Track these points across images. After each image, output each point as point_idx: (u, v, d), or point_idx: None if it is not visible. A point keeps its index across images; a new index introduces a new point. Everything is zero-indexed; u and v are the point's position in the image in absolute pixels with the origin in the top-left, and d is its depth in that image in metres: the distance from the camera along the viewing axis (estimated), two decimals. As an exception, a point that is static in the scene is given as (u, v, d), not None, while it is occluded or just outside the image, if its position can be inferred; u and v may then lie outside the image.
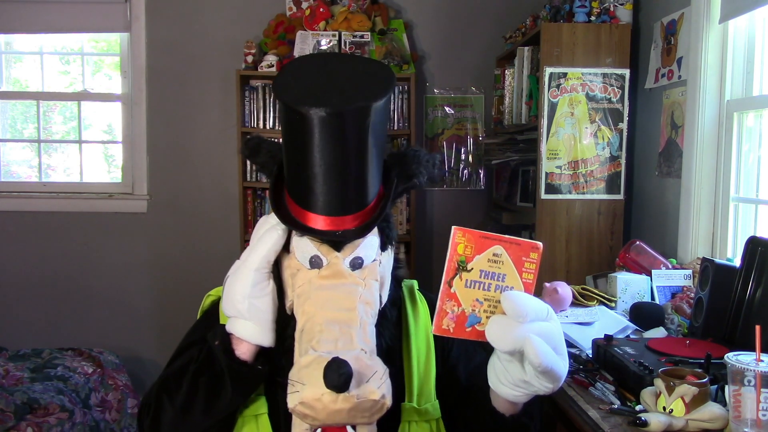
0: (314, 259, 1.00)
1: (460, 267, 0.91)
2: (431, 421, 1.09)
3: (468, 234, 0.91)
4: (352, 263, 1.00)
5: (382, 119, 1.00)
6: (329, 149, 0.95)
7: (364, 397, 0.85)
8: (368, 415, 0.87)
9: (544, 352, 0.84)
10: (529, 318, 0.87)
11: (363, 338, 0.94)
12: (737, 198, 2.26)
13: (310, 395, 0.85)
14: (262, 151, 1.10)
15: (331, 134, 0.94)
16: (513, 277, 0.91)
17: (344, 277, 0.98)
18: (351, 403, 0.85)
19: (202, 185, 3.64)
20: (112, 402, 3.02)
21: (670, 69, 2.52)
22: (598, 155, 2.69)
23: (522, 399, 0.92)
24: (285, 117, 1.00)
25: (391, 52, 3.34)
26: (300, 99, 0.95)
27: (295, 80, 1.01)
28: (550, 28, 2.69)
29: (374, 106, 0.95)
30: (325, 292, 0.97)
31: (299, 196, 1.01)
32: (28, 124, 3.84)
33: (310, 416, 0.86)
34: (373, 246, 1.03)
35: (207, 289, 1.21)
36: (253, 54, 3.33)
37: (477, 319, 0.91)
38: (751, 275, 1.59)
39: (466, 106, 3.65)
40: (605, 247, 2.73)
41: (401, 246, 3.46)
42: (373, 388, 0.87)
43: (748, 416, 1.12)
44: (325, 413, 0.85)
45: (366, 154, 0.98)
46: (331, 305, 0.95)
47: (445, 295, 0.91)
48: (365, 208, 1.01)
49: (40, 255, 3.65)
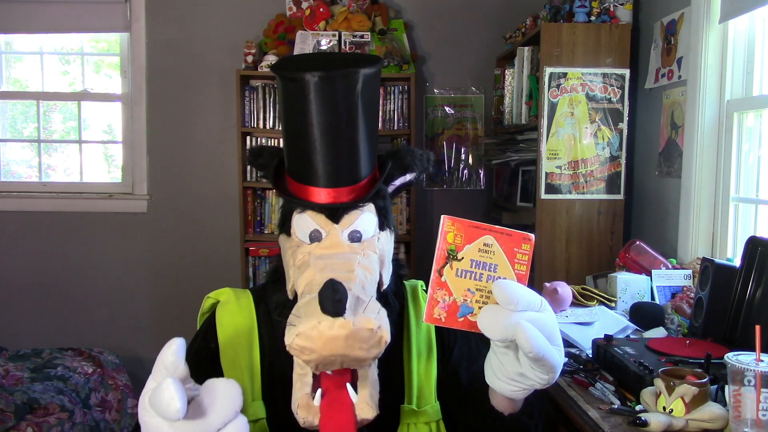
0: (314, 234, 1.03)
1: (450, 256, 0.89)
2: (431, 422, 1.09)
3: (457, 223, 0.90)
4: (351, 236, 1.03)
5: (372, 93, 1.07)
6: (322, 112, 1.01)
7: (361, 324, 0.85)
8: (366, 348, 0.86)
9: (535, 337, 0.82)
10: (521, 306, 0.85)
11: (361, 293, 0.94)
12: (737, 198, 2.26)
13: (307, 324, 0.84)
14: (264, 154, 1.17)
15: (324, 96, 1.00)
16: (505, 268, 0.90)
17: (343, 248, 1.01)
18: (347, 329, 0.84)
19: (202, 185, 3.64)
20: (112, 402, 3.02)
21: (670, 69, 2.52)
22: (598, 155, 2.69)
23: (519, 394, 0.91)
24: (282, 88, 1.07)
25: (391, 52, 3.34)
26: (295, 70, 1.03)
27: (291, 62, 1.12)
28: (550, 28, 2.69)
29: (362, 71, 1.02)
30: (324, 261, 0.98)
31: (297, 171, 1.06)
32: (28, 124, 3.84)
33: (308, 348, 0.85)
34: (372, 222, 1.05)
35: (207, 289, 1.21)
36: (253, 54, 3.33)
37: (469, 309, 0.89)
38: (751, 275, 1.59)
39: (466, 106, 3.65)
40: (605, 247, 2.73)
41: (401, 246, 3.46)
42: (369, 317, 0.86)
43: (748, 416, 1.11)
44: (321, 341, 0.84)
45: (356, 120, 1.03)
46: (330, 269, 0.96)
47: (435, 283, 0.89)
48: (361, 183, 1.06)
49: (40, 255, 3.65)
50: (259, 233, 3.46)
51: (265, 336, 1.11)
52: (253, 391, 1.07)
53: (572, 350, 1.78)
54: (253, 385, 1.08)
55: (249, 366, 1.08)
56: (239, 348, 1.09)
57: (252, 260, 3.40)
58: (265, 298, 1.14)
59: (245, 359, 1.09)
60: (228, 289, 1.17)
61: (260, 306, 1.14)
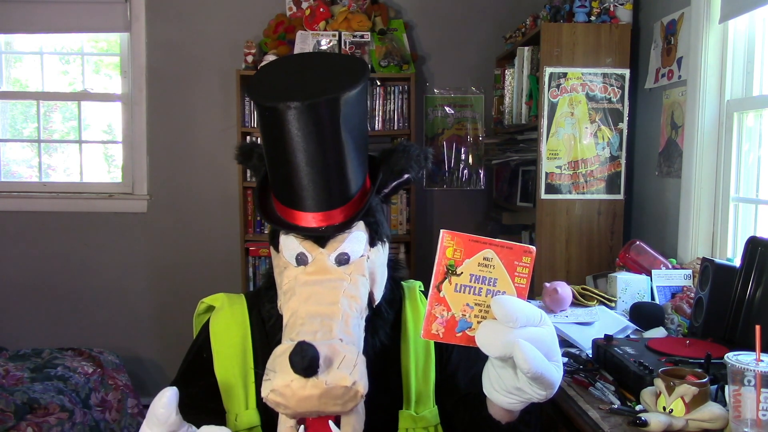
0: (300, 257, 1.00)
1: (449, 271, 0.88)
2: (429, 427, 1.09)
3: (457, 237, 0.88)
4: (338, 259, 1.00)
5: (357, 111, 1.01)
6: (302, 143, 0.96)
7: (334, 383, 0.82)
8: (341, 403, 0.84)
9: (533, 357, 0.81)
10: (520, 323, 0.84)
11: (344, 330, 0.92)
12: (737, 198, 2.26)
13: (280, 382, 0.82)
14: (254, 155, 1.12)
15: (302, 127, 0.95)
16: (505, 282, 0.89)
17: (329, 273, 0.98)
18: (320, 389, 0.82)
19: (202, 185, 3.64)
20: (112, 402, 3.02)
21: (670, 69, 2.52)
22: (598, 155, 2.69)
23: (516, 407, 0.90)
24: (259, 115, 1.01)
25: (391, 52, 3.34)
26: (270, 95, 0.97)
27: (267, 80, 1.03)
28: (550, 28, 2.69)
29: (344, 97, 0.96)
30: (309, 288, 0.97)
31: (282, 194, 1.02)
32: (28, 124, 3.84)
33: (282, 404, 0.84)
34: (360, 241, 1.02)
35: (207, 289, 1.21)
36: (253, 54, 3.33)
37: (467, 324, 0.88)
38: (751, 275, 1.59)
39: (466, 106, 3.65)
40: (605, 247, 2.73)
41: (401, 246, 3.46)
42: (344, 373, 0.83)
43: (748, 416, 1.11)
44: (294, 400, 0.82)
45: (341, 147, 0.98)
46: (314, 300, 0.95)
47: (434, 299, 0.88)
48: (348, 203, 1.01)
49: (40, 255, 3.65)
50: (259, 233, 3.46)
51: (258, 343, 1.10)
52: (247, 399, 1.07)
53: (572, 350, 1.78)
54: (247, 393, 1.07)
55: (243, 374, 1.08)
56: (233, 356, 1.08)
57: (252, 260, 3.40)
58: (260, 304, 1.13)
59: (239, 367, 1.08)
60: (222, 295, 1.16)
61: (254, 312, 1.13)
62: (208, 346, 1.10)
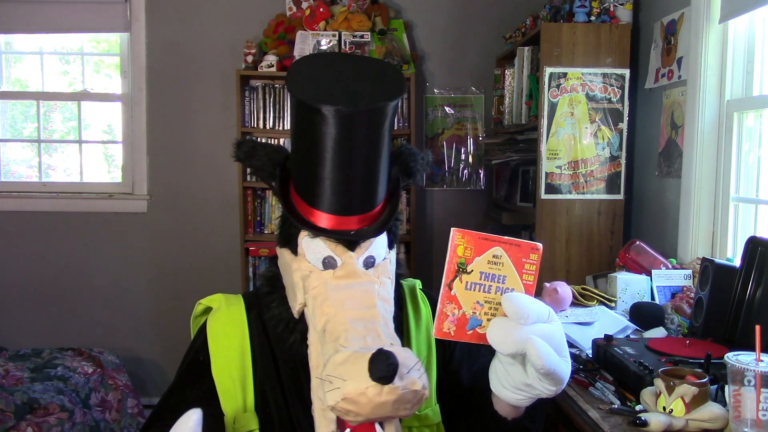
0: (327, 260, 0.99)
1: (460, 269, 0.89)
2: (431, 426, 1.08)
3: (467, 235, 0.89)
4: (365, 262, 1.00)
5: (392, 120, 1.02)
6: (345, 148, 0.95)
7: (408, 388, 0.83)
8: (410, 407, 0.85)
9: (546, 353, 0.83)
10: (531, 320, 0.85)
11: (389, 333, 0.93)
12: (737, 198, 2.26)
13: (354, 389, 0.82)
14: (258, 154, 1.08)
15: (347, 132, 0.95)
16: (513, 279, 0.90)
17: (359, 277, 0.98)
18: (396, 395, 0.82)
19: (202, 185, 3.64)
20: (112, 402, 3.02)
21: (670, 69, 2.52)
22: (598, 155, 2.69)
23: (525, 402, 0.91)
24: (300, 115, 0.99)
25: (391, 52, 3.34)
26: (317, 96, 0.95)
27: (308, 78, 1.01)
28: (550, 28, 2.69)
29: (392, 105, 0.97)
30: (343, 292, 0.96)
31: (310, 195, 1.01)
32: (28, 124, 3.84)
33: (353, 411, 0.83)
34: (383, 244, 1.03)
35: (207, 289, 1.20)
36: (253, 54, 3.33)
37: (478, 322, 0.90)
38: (751, 275, 1.59)
39: (466, 106, 3.65)
40: (605, 247, 2.73)
41: (401, 246, 3.46)
42: (415, 378, 0.84)
43: (748, 416, 1.11)
44: (369, 407, 0.82)
45: (380, 154, 0.99)
46: (351, 304, 0.95)
47: (445, 297, 0.89)
48: (380, 205, 1.02)
49: (40, 255, 3.65)
50: (259, 233, 3.46)
51: (257, 345, 1.08)
52: (245, 402, 1.06)
53: (572, 350, 1.78)
54: (245, 396, 1.06)
55: (241, 377, 1.06)
56: (230, 359, 1.07)
57: (252, 260, 3.40)
58: (258, 306, 1.11)
59: (237, 370, 1.07)
60: (219, 296, 1.15)
61: (252, 313, 1.11)
62: (205, 349, 1.08)
